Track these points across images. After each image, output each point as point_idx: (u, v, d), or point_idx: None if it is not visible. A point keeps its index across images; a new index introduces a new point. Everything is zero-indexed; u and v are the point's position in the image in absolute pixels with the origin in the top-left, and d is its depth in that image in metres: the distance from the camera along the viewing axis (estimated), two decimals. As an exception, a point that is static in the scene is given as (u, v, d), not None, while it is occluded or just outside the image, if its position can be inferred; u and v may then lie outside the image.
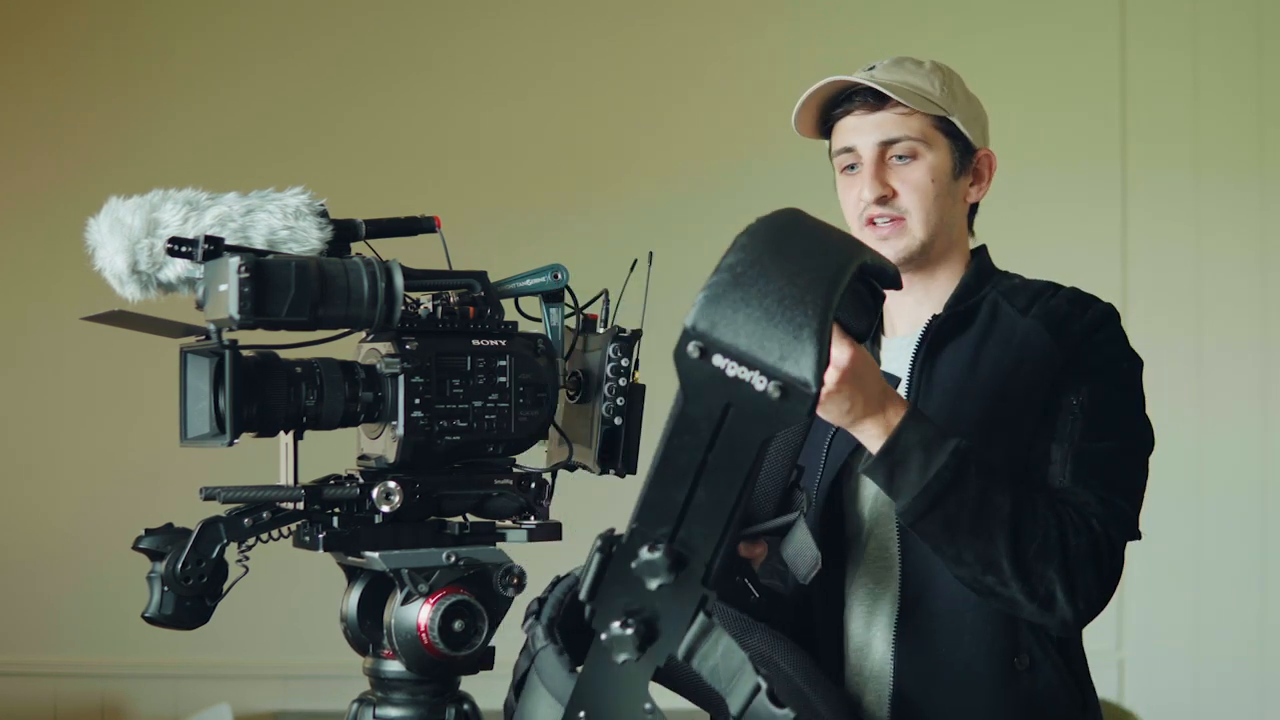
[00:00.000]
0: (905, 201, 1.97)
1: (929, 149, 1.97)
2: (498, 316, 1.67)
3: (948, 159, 1.99)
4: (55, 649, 4.30)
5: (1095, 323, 1.94)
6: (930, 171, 1.97)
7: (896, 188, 1.97)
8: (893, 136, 1.97)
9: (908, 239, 1.97)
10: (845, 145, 2.00)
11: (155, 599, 1.53)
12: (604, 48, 4.40)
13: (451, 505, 1.66)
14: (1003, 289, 2.01)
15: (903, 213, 1.97)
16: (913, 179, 1.97)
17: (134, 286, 1.58)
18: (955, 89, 2.01)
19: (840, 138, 2.02)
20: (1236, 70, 4.23)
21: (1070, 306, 1.95)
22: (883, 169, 1.97)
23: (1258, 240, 4.21)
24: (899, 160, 1.97)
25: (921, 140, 1.97)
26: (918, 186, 1.96)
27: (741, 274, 1.54)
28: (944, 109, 1.98)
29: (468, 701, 1.68)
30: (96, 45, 4.40)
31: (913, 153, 1.97)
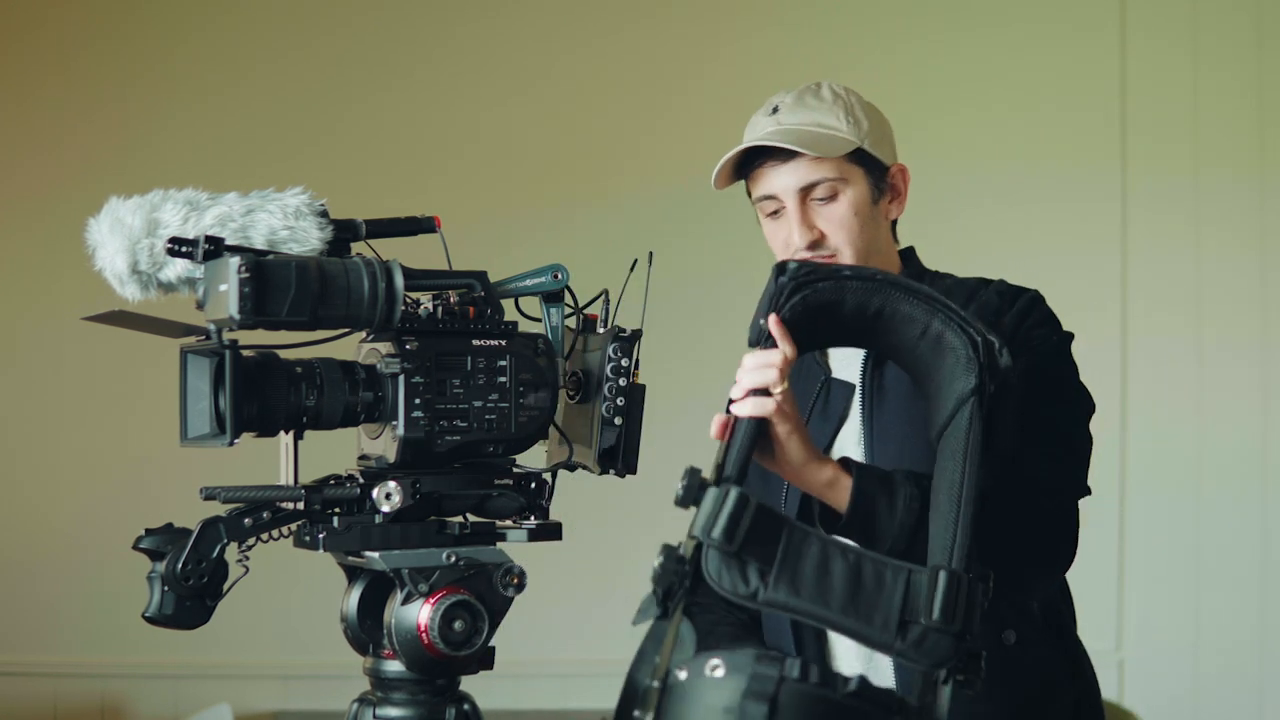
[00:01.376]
0: (834, 241, 2.00)
1: (847, 185, 2.01)
2: (498, 316, 1.67)
3: (865, 189, 2.03)
4: (55, 649, 4.29)
5: (1024, 310, 1.98)
6: (852, 206, 2.01)
7: (823, 229, 2.00)
8: (811, 181, 2.00)
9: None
10: (766, 194, 2.04)
11: (155, 599, 1.53)
12: (604, 48, 4.40)
13: (451, 505, 1.66)
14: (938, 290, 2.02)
15: (833, 251, 2.01)
16: (837, 217, 2.00)
17: (134, 286, 1.58)
18: (858, 115, 2.05)
19: (760, 186, 2.05)
20: (1236, 70, 4.23)
21: (1000, 300, 2.00)
22: (807, 213, 2.01)
23: (1258, 240, 4.20)
24: (820, 202, 2.01)
25: (839, 179, 2.00)
26: (843, 224, 2.01)
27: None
28: (853, 141, 2.02)
29: (468, 701, 1.68)
30: (96, 45, 4.40)
31: (832, 193, 2.00)
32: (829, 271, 1.75)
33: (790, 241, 2.02)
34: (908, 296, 1.72)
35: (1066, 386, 1.98)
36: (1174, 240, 4.19)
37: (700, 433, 4.85)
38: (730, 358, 4.85)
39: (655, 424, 1.80)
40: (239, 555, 1.55)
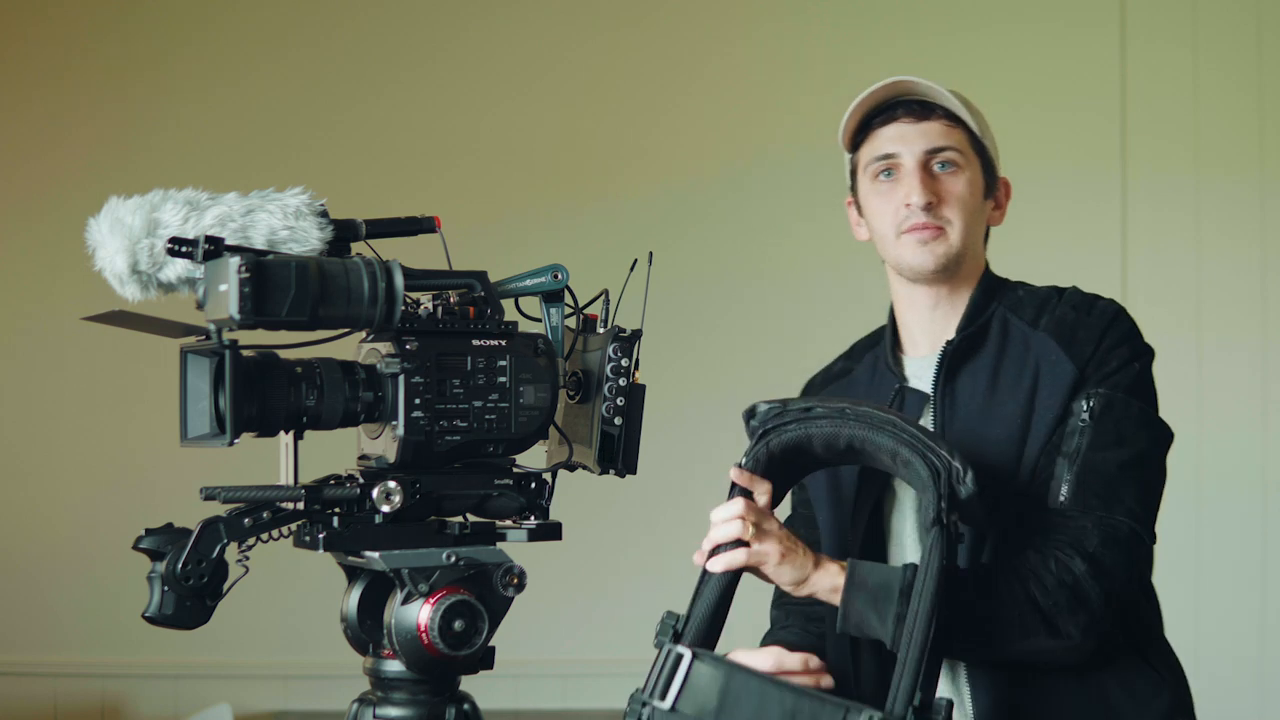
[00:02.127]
0: (948, 211, 2.00)
1: (967, 164, 2.02)
2: (498, 316, 1.67)
3: (980, 177, 2.04)
4: (55, 649, 4.30)
5: (1102, 327, 1.96)
6: (969, 185, 2.02)
7: (940, 194, 2.00)
8: (938, 145, 2.01)
9: (947, 245, 2.00)
10: (885, 153, 2.03)
11: (155, 599, 1.52)
12: (604, 48, 4.40)
13: (451, 505, 1.66)
14: (1009, 303, 2.03)
15: (944, 222, 2.00)
16: (955, 190, 2.00)
17: (134, 286, 1.58)
18: (976, 111, 2.06)
19: (879, 145, 2.04)
20: (1236, 70, 4.23)
21: (1075, 313, 1.97)
22: (927, 176, 2.00)
23: (1258, 240, 4.21)
24: (941, 169, 2.00)
25: (962, 152, 2.01)
26: (960, 198, 2.00)
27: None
28: (974, 125, 2.03)
29: (468, 701, 1.68)
30: (97, 46, 4.40)
31: (955, 163, 2.01)
32: (796, 413, 1.82)
33: (909, 199, 1.99)
34: (873, 428, 1.77)
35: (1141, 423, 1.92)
36: (1174, 240, 4.19)
37: (700, 433, 4.89)
38: (730, 358, 4.87)
39: (655, 424, 1.80)
40: (239, 555, 1.55)
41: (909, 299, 2.07)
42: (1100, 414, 1.89)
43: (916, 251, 2.00)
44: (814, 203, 4.35)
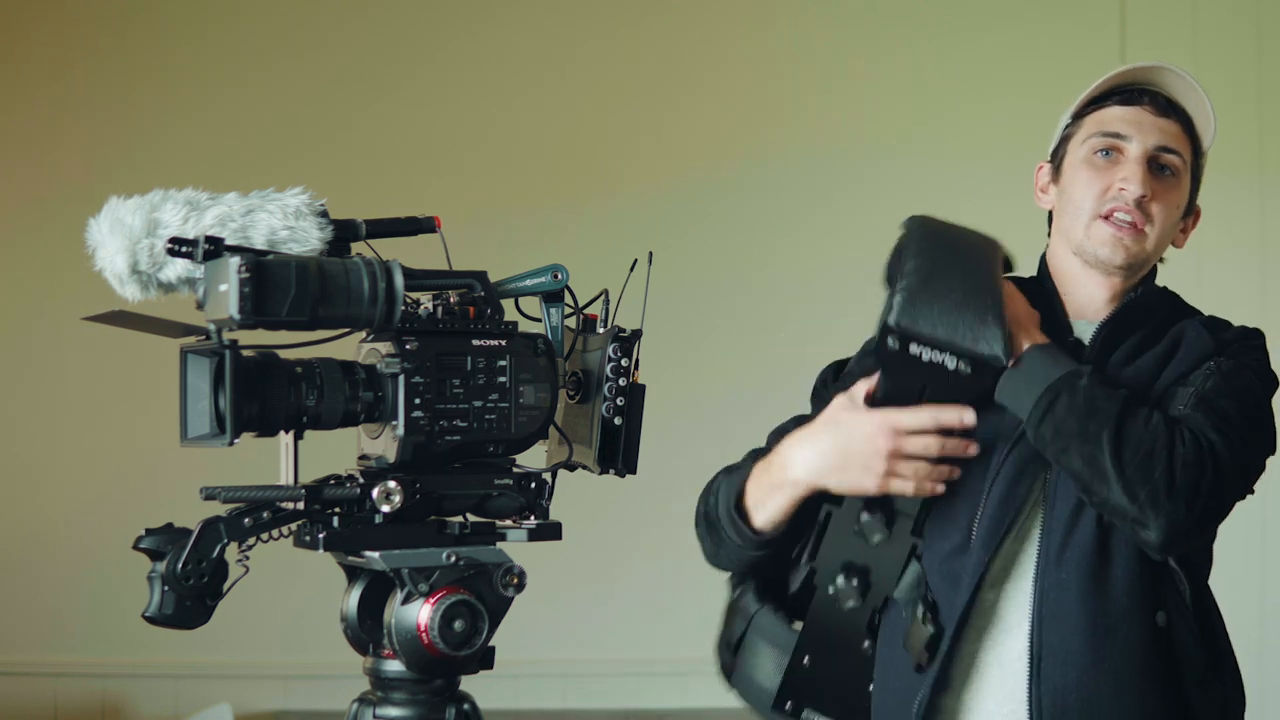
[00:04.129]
0: (1155, 212, 1.93)
1: (1184, 175, 1.96)
2: (498, 316, 1.67)
3: (1186, 194, 1.98)
4: (55, 649, 4.30)
5: (1249, 332, 1.96)
6: (1179, 195, 1.96)
7: (1152, 194, 1.93)
8: (1169, 146, 1.94)
9: (1139, 246, 1.93)
10: (1116, 131, 1.95)
11: (155, 599, 1.53)
12: (604, 48, 4.40)
13: (451, 505, 1.66)
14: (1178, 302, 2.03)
15: (1148, 221, 1.93)
16: (1167, 195, 1.94)
17: (134, 286, 1.58)
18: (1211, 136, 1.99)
19: (1109, 121, 1.97)
20: (1236, 70, 4.23)
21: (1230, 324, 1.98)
22: (1149, 172, 1.93)
23: (1258, 240, 4.21)
24: (1160, 171, 1.94)
25: (1185, 163, 1.95)
26: (1168, 204, 1.94)
27: (927, 275, 1.84)
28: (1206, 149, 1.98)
29: (468, 701, 1.68)
30: (98, 46, 4.40)
31: (1176, 170, 1.95)
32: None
33: (1124, 186, 1.92)
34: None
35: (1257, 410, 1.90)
36: (1174, 240, 4.19)
37: (700, 433, 4.89)
38: (730, 358, 4.87)
39: (655, 424, 1.80)
40: (239, 555, 1.55)
41: (1075, 278, 1.99)
42: (1229, 374, 1.88)
43: (1109, 243, 1.93)
44: (814, 203, 4.36)
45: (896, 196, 2.23)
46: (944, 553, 1.88)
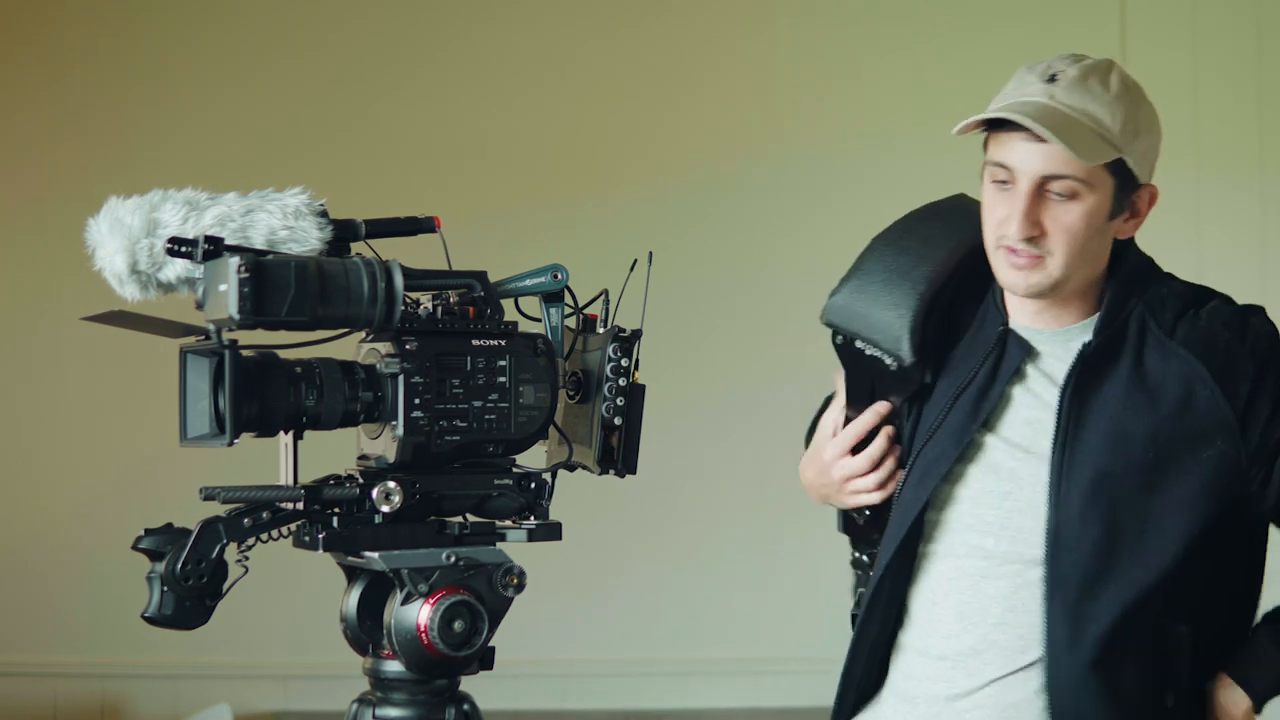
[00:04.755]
0: (1052, 243, 1.83)
1: (1091, 191, 1.83)
2: (498, 316, 1.67)
3: (1107, 201, 1.85)
4: (55, 649, 4.30)
5: (1262, 358, 1.85)
6: (1086, 215, 1.83)
7: (1047, 226, 1.83)
8: (1057, 172, 1.82)
9: (1042, 275, 1.85)
10: (1003, 162, 1.85)
11: (155, 599, 1.52)
12: (604, 48, 4.40)
13: (451, 505, 1.66)
14: (1150, 301, 1.90)
15: (1046, 253, 1.84)
16: (1066, 221, 1.83)
17: (134, 286, 1.58)
18: (1138, 120, 1.86)
19: (1000, 151, 1.86)
20: (1236, 70, 4.23)
21: (1227, 333, 1.86)
22: (1036, 205, 1.83)
23: (1258, 240, 4.21)
24: (1057, 196, 1.83)
25: (1086, 181, 1.82)
26: (1069, 230, 1.83)
27: (861, 270, 1.96)
28: (1118, 149, 1.83)
29: (468, 701, 1.68)
30: (98, 47, 4.40)
31: (1072, 193, 1.82)
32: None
33: (1006, 226, 1.84)
34: None
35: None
36: (1174, 240, 4.18)
37: (700, 432, 4.87)
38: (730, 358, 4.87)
39: (655, 424, 1.80)
40: (238, 555, 1.55)
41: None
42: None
43: (1009, 273, 1.87)
44: (814, 203, 4.36)
45: (896, 196, 2.22)
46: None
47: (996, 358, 1.93)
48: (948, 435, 1.93)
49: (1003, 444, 1.91)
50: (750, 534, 4.28)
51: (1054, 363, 1.92)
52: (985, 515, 1.91)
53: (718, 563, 4.28)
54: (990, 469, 1.92)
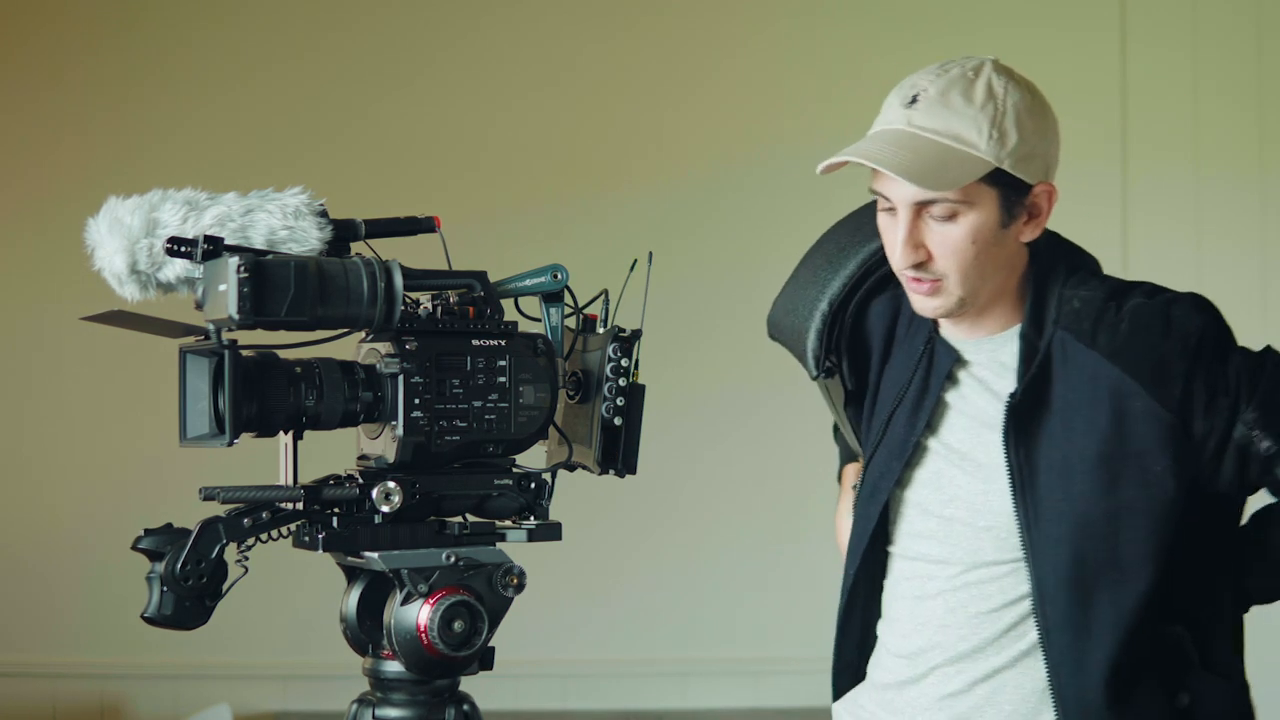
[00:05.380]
0: (941, 266, 1.81)
1: (971, 209, 1.79)
2: (498, 316, 1.67)
3: (994, 213, 1.81)
4: (55, 649, 4.29)
5: (1191, 352, 1.80)
6: (971, 233, 1.79)
7: (932, 250, 1.80)
8: (929, 199, 1.78)
9: (945, 298, 1.83)
10: (879, 191, 1.83)
11: (155, 599, 1.52)
12: (604, 48, 4.40)
13: (451, 505, 1.66)
14: (1066, 320, 1.85)
15: (939, 276, 1.81)
16: (950, 242, 1.79)
17: (133, 286, 1.58)
18: (1007, 127, 1.80)
19: (875, 181, 1.83)
20: (1236, 71, 4.23)
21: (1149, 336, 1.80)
22: (918, 229, 1.80)
23: (1258, 240, 4.21)
24: (937, 217, 1.79)
25: (961, 202, 1.78)
26: (956, 250, 1.79)
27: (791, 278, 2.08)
28: (988, 162, 1.78)
29: (468, 702, 1.68)
30: (98, 47, 4.40)
31: (951, 214, 1.79)
32: None
33: (894, 254, 1.83)
34: None
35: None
36: (1174, 240, 4.19)
37: (700, 432, 4.87)
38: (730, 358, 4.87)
39: (655, 424, 1.80)
40: (238, 556, 1.55)
41: None
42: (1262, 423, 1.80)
43: (914, 299, 1.85)
44: (814, 203, 4.34)
45: (896, 196, 2.21)
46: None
47: (926, 367, 1.93)
48: (890, 450, 1.95)
49: (944, 449, 1.92)
50: (750, 534, 4.28)
51: (983, 370, 1.92)
52: (929, 523, 1.93)
53: (718, 563, 4.28)
54: (934, 476, 1.93)
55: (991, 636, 1.88)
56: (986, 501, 1.87)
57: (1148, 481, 1.79)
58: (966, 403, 1.91)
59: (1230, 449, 1.81)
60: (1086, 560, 1.80)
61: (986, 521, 1.87)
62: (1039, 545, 1.82)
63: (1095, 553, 1.81)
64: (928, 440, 1.93)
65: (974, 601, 1.89)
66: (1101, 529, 1.80)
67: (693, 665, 4.30)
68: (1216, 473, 1.83)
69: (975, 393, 1.90)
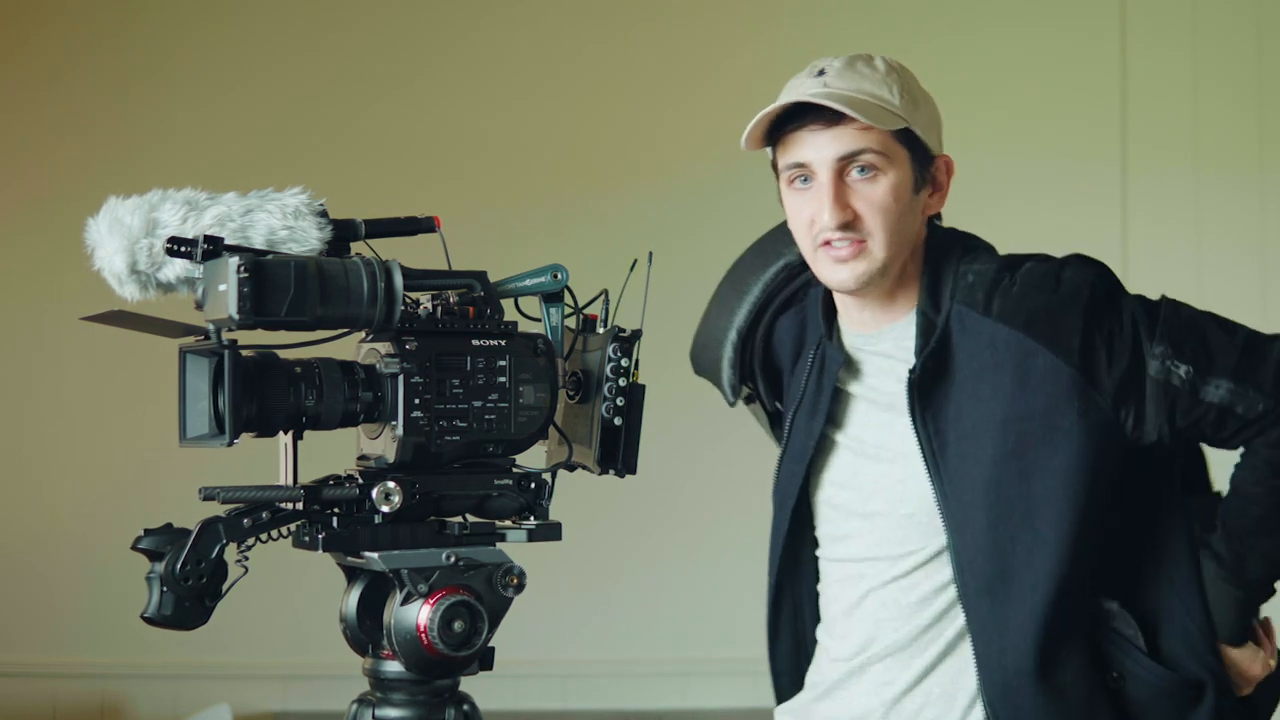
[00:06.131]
0: (869, 224, 1.84)
1: (890, 164, 1.84)
2: (498, 316, 1.67)
3: (909, 173, 1.86)
4: (55, 649, 4.29)
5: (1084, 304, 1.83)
6: (893, 189, 1.84)
7: (859, 209, 1.84)
8: (853, 150, 1.83)
9: (868, 262, 1.86)
10: (797, 160, 1.88)
11: (154, 599, 1.52)
12: (604, 48, 4.40)
13: (451, 505, 1.65)
14: (961, 295, 1.88)
15: (865, 235, 1.85)
16: (876, 198, 1.84)
17: (133, 286, 1.58)
18: (914, 92, 1.88)
19: (791, 152, 1.89)
20: (1236, 71, 4.23)
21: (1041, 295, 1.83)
22: (842, 189, 1.84)
23: (1258, 240, 4.21)
24: (859, 175, 1.84)
25: (883, 154, 1.83)
26: (882, 207, 1.84)
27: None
28: (905, 119, 1.85)
29: (468, 702, 1.67)
30: (98, 47, 4.40)
31: (873, 168, 1.84)
32: None
33: (818, 220, 1.86)
34: None
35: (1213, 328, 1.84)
36: (1174, 240, 4.19)
37: (700, 432, 4.88)
38: (730, 358, 4.68)
39: (655, 424, 1.80)
40: (238, 556, 1.55)
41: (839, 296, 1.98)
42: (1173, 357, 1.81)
43: (835, 269, 1.87)
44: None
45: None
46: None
47: (819, 370, 1.97)
48: (793, 454, 2.01)
49: (854, 443, 1.95)
50: (750, 534, 4.26)
51: (886, 359, 1.94)
52: (852, 524, 1.96)
53: (718, 563, 4.28)
54: (850, 476, 1.96)
55: (924, 624, 1.91)
56: (905, 488, 1.90)
57: (1056, 438, 1.80)
58: (874, 391, 1.94)
59: (1149, 390, 1.81)
60: (1001, 524, 1.82)
61: (908, 509, 1.90)
62: (955, 515, 1.84)
63: (1009, 515, 1.82)
64: (835, 436, 1.96)
65: (904, 593, 1.91)
66: (1014, 490, 1.81)
67: (693, 665, 4.30)
68: (1141, 421, 1.82)
69: (881, 380, 1.93)
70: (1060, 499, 1.81)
